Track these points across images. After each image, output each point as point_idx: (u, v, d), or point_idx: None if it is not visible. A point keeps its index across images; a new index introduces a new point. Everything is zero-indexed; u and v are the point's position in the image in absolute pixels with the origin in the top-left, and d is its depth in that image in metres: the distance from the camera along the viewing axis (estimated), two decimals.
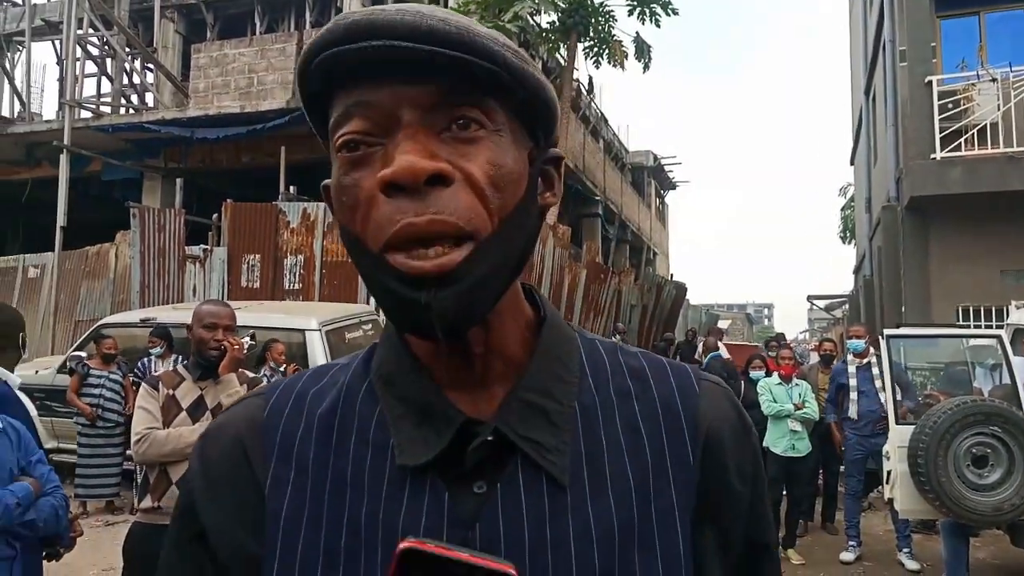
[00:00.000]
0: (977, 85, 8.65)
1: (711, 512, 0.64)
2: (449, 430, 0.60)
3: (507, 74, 0.58)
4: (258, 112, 13.00)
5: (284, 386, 0.69)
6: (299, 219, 10.75)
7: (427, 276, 0.54)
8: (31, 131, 15.40)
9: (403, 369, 0.64)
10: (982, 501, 4.49)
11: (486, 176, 0.57)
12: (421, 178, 0.54)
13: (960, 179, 8.48)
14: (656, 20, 10.82)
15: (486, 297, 0.58)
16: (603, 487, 0.61)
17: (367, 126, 0.57)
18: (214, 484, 0.64)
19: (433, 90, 0.56)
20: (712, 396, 0.68)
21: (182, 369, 3.05)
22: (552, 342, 0.66)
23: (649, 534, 0.61)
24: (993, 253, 8.78)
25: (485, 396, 0.63)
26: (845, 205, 30.76)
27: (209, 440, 0.67)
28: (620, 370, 0.68)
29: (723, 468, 0.65)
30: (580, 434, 0.63)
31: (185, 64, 15.77)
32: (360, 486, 0.61)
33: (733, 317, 52.27)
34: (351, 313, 8.04)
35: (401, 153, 0.55)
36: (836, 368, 6.53)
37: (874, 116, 12.87)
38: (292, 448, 0.64)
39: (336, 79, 0.58)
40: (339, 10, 15.33)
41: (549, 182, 0.66)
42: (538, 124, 0.64)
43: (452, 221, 0.55)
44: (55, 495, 2.35)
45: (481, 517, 0.59)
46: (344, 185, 0.59)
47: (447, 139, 0.57)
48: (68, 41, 14.65)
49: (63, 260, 13.10)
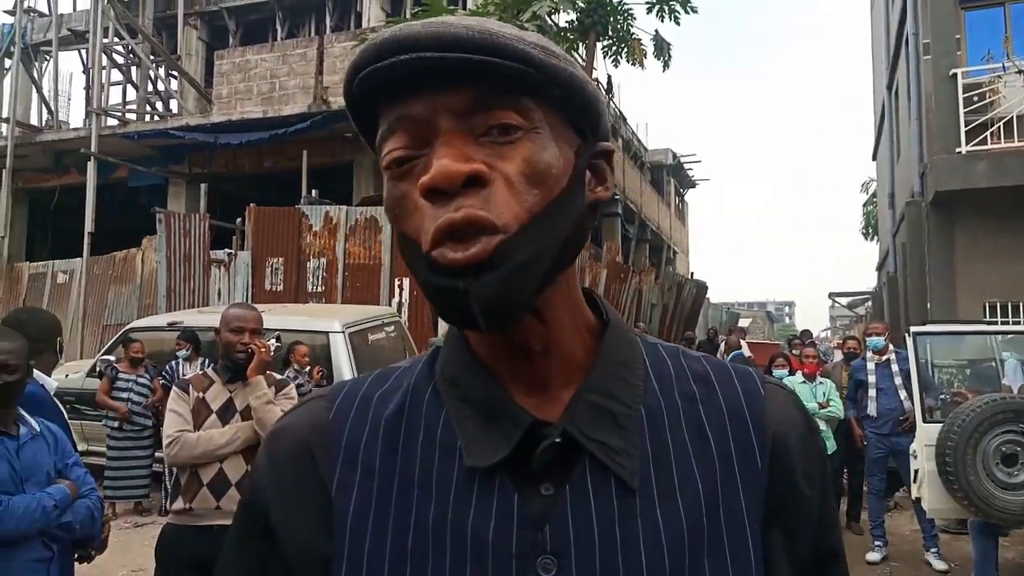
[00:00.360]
0: (1003, 77, 8.51)
1: (780, 518, 0.64)
2: (517, 432, 0.61)
3: (537, 72, 0.59)
4: (280, 117, 13.14)
5: (348, 389, 0.70)
6: (321, 222, 10.84)
7: (461, 265, 0.56)
8: (59, 139, 15.68)
9: (467, 370, 0.65)
10: (1012, 500, 4.42)
11: (521, 175, 0.58)
12: (457, 181, 0.56)
13: (986, 173, 8.35)
14: (675, 17, 10.77)
15: (524, 284, 0.58)
16: (671, 491, 0.62)
17: (409, 140, 0.60)
18: (282, 482, 0.65)
19: (466, 96, 0.58)
20: (778, 400, 0.68)
21: (212, 372, 3.09)
22: (615, 345, 0.67)
23: (719, 540, 0.61)
24: (1020, 248, 8.63)
25: (549, 398, 0.64)
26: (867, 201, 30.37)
27: (275, 439, 0.68)
28: (684, 374, 0.68)
29: (791, 473, 0.65)
30: (647, 437, 0.63)
31: (208, 70, 15.97)
32: (427, 488, 0.62)
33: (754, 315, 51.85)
34: (374, 315, 8.10)
35: (438, 159, 0.57)
36: (855, 364, 6.48)
37: (897, 110, 12.71)
38: (358, 450, 0.65)
39: (378, 97, 0.61)
40: (359, 15, 15.45)
41: (600, 176, 0.67)
42: (583, 119, 0.64)
43: (485, 215, 0.56)
44: (91, 497, 2.40)
45: (550, 519, 0.59)
46: (394, 198, 0.61)
47: (486, 143, 0.59)
48: (94, 50, 14.90)
49: (91, 265, 13.32)
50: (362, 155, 13.88)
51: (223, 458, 2.90)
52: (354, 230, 10.73)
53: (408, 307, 10.27)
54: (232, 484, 2.90)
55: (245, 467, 2.94)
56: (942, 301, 8.86)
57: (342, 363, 6.80)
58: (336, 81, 13.43)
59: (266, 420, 2.91)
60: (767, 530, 0.63)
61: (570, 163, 0.62)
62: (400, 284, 10.40)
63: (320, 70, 13.56)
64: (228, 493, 2.89)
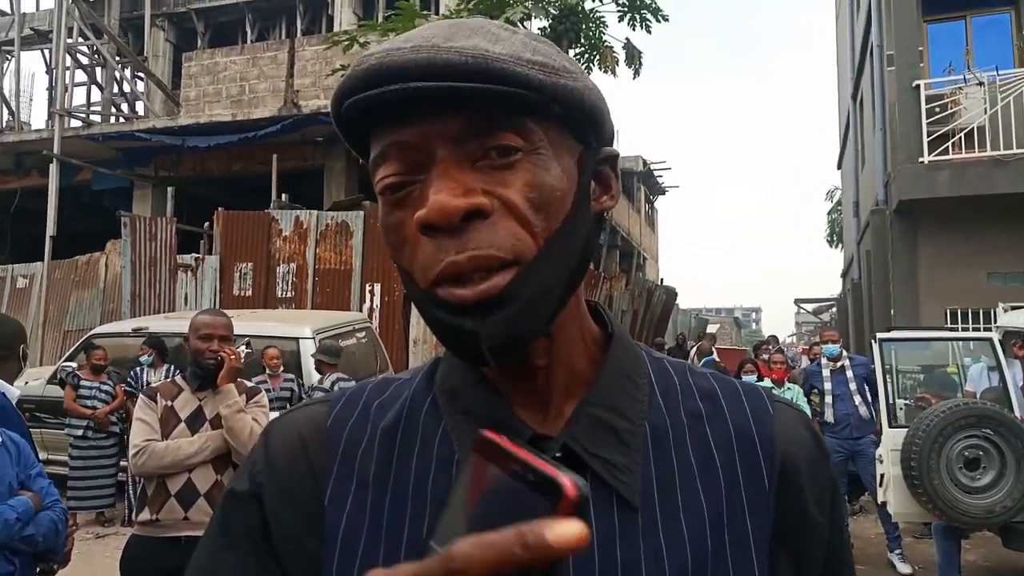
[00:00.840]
0: (964, 89, 8.73)
1: (788, 544, 0.62)
2: None
3: (536, 94, 0.55)
4: (250, 120, 12.98)
5: (349, 396, 0.68)
6: (292, 227, 10.74)
7: (470, 303, 0.54)
8: (20, 140, 15.32)
9: (467, 383, 0.63)
10: (974, 503, 4.52)
11: (525, 200, 0.55)
12: (455, 217, 0.53)
13: (948, 182, 8.55)
14: (647, 26, 10.87)
15: (536, 319, 0.56)
16: (675, 512, 0.59)
17: (402, 167, 0.57)
18: (279, 476, 0.63)
19: (461, 122, 0.55)
20: (786, 419, 0.66)
21: (180, 380, 3.04)
22: (620, 358, 0.65)
23: (724, 565, 0.59)
24: (981, 256, 8.86)
25: (551, 412, 0.62)
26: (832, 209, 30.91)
27: (273, 433, 0.66)
28: (690, 391, 0.66)
29: (800, 496, 0.63)
30: (651, 455, 0.61)
31: (176, 73, 15.75)
32: (422, 502, 0.60)
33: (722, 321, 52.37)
34: (344, 321, 8.03)
35: (434, 193, 0.54)
36: (809, 369, 6.64)
37: (862, 120, 12.97)
38: (354, 461, 0.63)
39: (368, 121, 0.59)
40: (330, 18, 15.36)
41: (605, 183, 0.64)
42: (586, 127, 0.61)
43: (492, 254, 0.54)
44: (54, 509, 2.34)
45: None
46: (389, 225, 0.59)
47: (483, 167, 0.56)
48: (58, 50, 14.61)
49: (52, 270, 13.03)
50: (333, 159, 13.77)
51: (192, 468, 2.85)
52: (324, 235, 10.64)
53: (379, 313, 10.20)
54: (201, 494, 2.85)
55: (215, 477, 2.89)
56: (905, 307, 9.04)
57: (312, 369, 6.73)
58: (307, 84, 13.33)
59: (236, 429, 2.87)
60: (774, 555, 0.61)
61: (574, 178, 0.59)
62: (371, 290, 10.33)
63: (291, 73, 13.44)
64: (197, 503, 2.83)
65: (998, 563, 5.64)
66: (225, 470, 2.92)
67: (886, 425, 5.09)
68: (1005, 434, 4.52)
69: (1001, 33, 9.51)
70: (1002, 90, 8.44)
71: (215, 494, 2.86)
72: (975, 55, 9.31)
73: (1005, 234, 8.74)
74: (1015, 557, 5.28)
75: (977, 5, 9.67)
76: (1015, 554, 5.12)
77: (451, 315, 0.55)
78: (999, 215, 8.62)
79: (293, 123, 12.60)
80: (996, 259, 8.87)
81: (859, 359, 6.46)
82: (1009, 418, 4.60)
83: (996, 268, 8.92)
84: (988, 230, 8.79)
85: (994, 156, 8.40)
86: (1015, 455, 4.49)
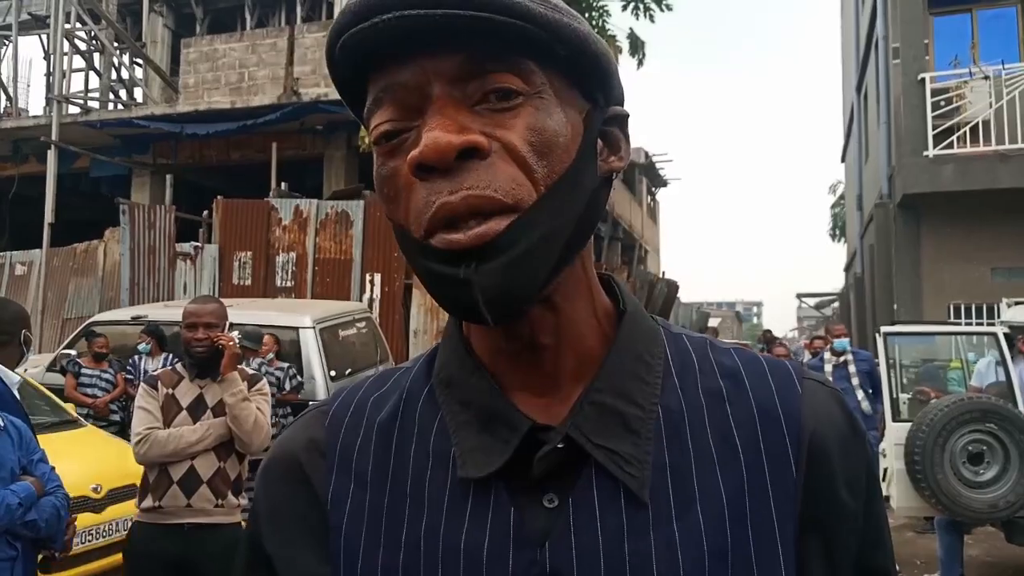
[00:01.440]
0: (970, 83, 8.69)
1: (818, 533, 0.57)
2: (514, 438, 0.55)
3: (538, 29, 0.52)
4: (249, 108, 12.90)
5: (346, 394, 0.65)
6: (291, 216, 10.69)
7: (465, 249, 0.50)
8: (18, 126, 15.24)
9: (464, 370, 0.59)
10: (978, 498, 4.51)
11: (526, 143, 0.52)
12: (450, 154, 0.50)
13: (952, 177, 8.53)
14: (650, 15, 10.83)
15: (534, 271, 0.52)
16: (691, 502, 0.55)
17: (398, 112, 0.54)
18: (277, 510, 0.62)
19: (460, 59, 0.52)
20: (817, 397, 0.60)
21: (181, 368, 3.01)
22: (632, 336, 0.60)
23: (745, 560, 0.54)
24: (984, 251, 8.84)
25: (557, 398, 0.57)
26: (835, 203, 30.89)
27: (270, 468, 0.64)
28: (710, 368, 0.61)
29: (831, 480, 0.58)
30: (664, 443, 0.56)
31: (174, 59, 15.65)
32: (420, 499, 0.57)
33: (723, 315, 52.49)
34: (345, 311, 8.00)
35: (428, 130, 0.51)
36: (812, 364, 6.63)
37: (866, 113, 12.93)
38: (351, 459, 0.61)
39: (363, 65, 0.55)
40: (330, 5, 15.25)
41: (613, 144, 0.60)
42: (591, 81, 0.57)
43: (490, 195, 0.50)
44: (57, 495, 2.32)
45: (551, 535, 0.53)
46: (383, 176, 0.55)
47: (483, 111, 0.52)
48: (55, 35, 14.49)
49: (51, 257, 12.98)
50: (333, 148, 13.71)
51: (194, 455, 2.83)
52: (324, 224, 10.60)
53: (379, 303, 10.17)
54: (203, 482, 2.83)
55: (217, 464, 2.87)
56: (908, 302, 9.03)
57: (312, 359, 6.71)
58: (307, 72, 13.25)
59: (241, 418, 2.85)
60: (803, 548, 0.56)
61: (579, 131, 0.55)
62: (371, 279, 10.29)
63: (291, 61, 13.36)
64: (199, 491, 2.82)
65: (1001, 558, 5.63)
66: (227, 457, 2.90)
67: (890, 419, 5.08)
68: (1009, 429, 4.51)
69: (1007, 27, 9.47)
70: (1008, 84, 8.41)
71: (217, 481, 2.85)
72: (981, 49, 9.27)
73: (1009, 229, 8.72)
74: (1018, 552, 5.28)
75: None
76: (1018, 549, 5.11)
77: (444, 263, 0.51)
78: (1003, 210, 8.60)
79: (293, 111, 12.53)
80: (1000, 254, 8.86)
81: (862, 354, 6.45)
82: (1014, 413, 4.58)
83: (1000, 263, 8.91)
84: (992, 225, 8.78)
85: (999, 151, 8.37)
86: (1019, 450, 4.48)
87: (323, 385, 6.62)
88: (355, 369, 7.28)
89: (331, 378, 6.72)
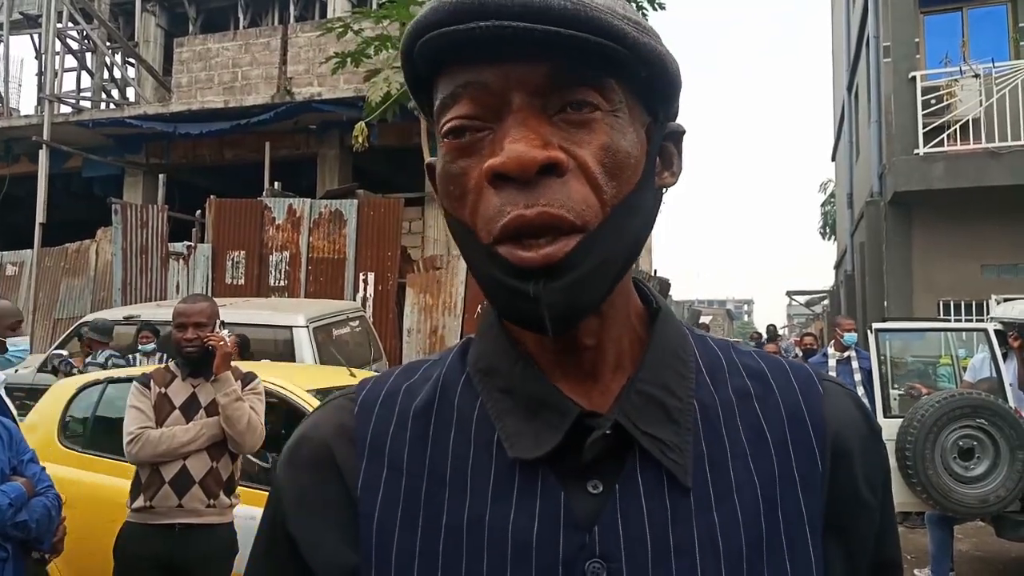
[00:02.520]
0: (960, 81, 8.73)
1: (840, 525, 0.60)
2: (564, 423, 0.56)
3: (626, 51, 0.53)
4: (242, 107, 12.86)
5: (374, 383, 0.66)
6: (285, 215, 10.68)
7: (535, 267, 0.52)
8: (9, 126, 15.15)
9: (507, 361, 0.60)
10: (968, 493, 4.54)
11: (599, 163, 0.53)
12: (532, 170, 0.51)
13: (943, 174, 8.56)
14: (643, 14, 10.85)
15: (597, 289, 0.54)
16: (728, 492, 0.57)
17: (475, 110, 0.54)
18: (303, 494, 0.62)
19: (546, 71, 0.53)
20: (837, 399, 0.64)
21: (173, 367, 3.01)
22: (667, 335, 0.62)
23: (778, 548, 0.57)
24: (974, 248, 8.88)
25: (597, 389, 0.59)
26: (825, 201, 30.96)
27: (297, 449, 0.64)
28: (737, 369, 0.64)
29: (852, 476, 0.61)
30: (701, 433, 0.59)
31: (167, 59, 15.59)
32: (461, 485, 0.57)
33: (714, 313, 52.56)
34: (338, 310, 8.00)
35: (511, 141, 0.52)
36: (814, 361, 6.61)
37: (857, 111, 12.96)
38: (384, 446, 0.61)
39: (442, 60, 0.55)
40: (323, 5, 15.23)
41: (668, 159, 0.62)
42: (658, 97, 0.59)
43: (563, 214, 0.52)
44: (47, 495, 2.31)
45: (599, 520, 0.55)
46: (451, 173, 0.56)
47: (559, 122, 0.54)
48: (47, 35, 14.43)
49: (42, 257, 12.93)
50: (326, 148, 13.68)
51: (186, 455, 2.82)
52: (318, 223, 10.58)
53: (373, 301, 10.16)
54: (195, 481, 2.83)
55: (210, 464, 2.86)
56: (899, 299, 9.06)
57: (306, 358, 6.70)
58: (300, 71, 13.23)
59: (234, 418, 2.84)
60: (827, 538, 0.59)
61: (644, 148, 0.57)
62: (365, 278, 10.28)
63: (284, 60, 13.33)
64: (191, 491, 2.81)
65: (990, 553, 5.67)
66: (220, 457, 2.89)
67: (881, 415, 5.10)
68: (1000, 424, 4.54)
69: (997, 25, 9.50)
70: (998, 82, 8.45)
71: (209, 481, 2.84)
72: (971, 47, 9.30)
73: (999, 226, 8.76)
74: (1007, 547, 5.32)
75: None
76: (1007, 543, 5.15)
77: (512, 277, 0.53)
78: (994, 207, 8.64)
79: (286, 110, 12.50)
80: (990, 251, 8.90)
81: (864, 351, 6.46)
82: (1004, 408, 4.61)
83: (990, 260, 8.96)
84: (982, 222, 8.82)
85: (989, 148, 8.41)
86: (1009, 445, 4.51)
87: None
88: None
89: None
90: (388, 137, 11.73)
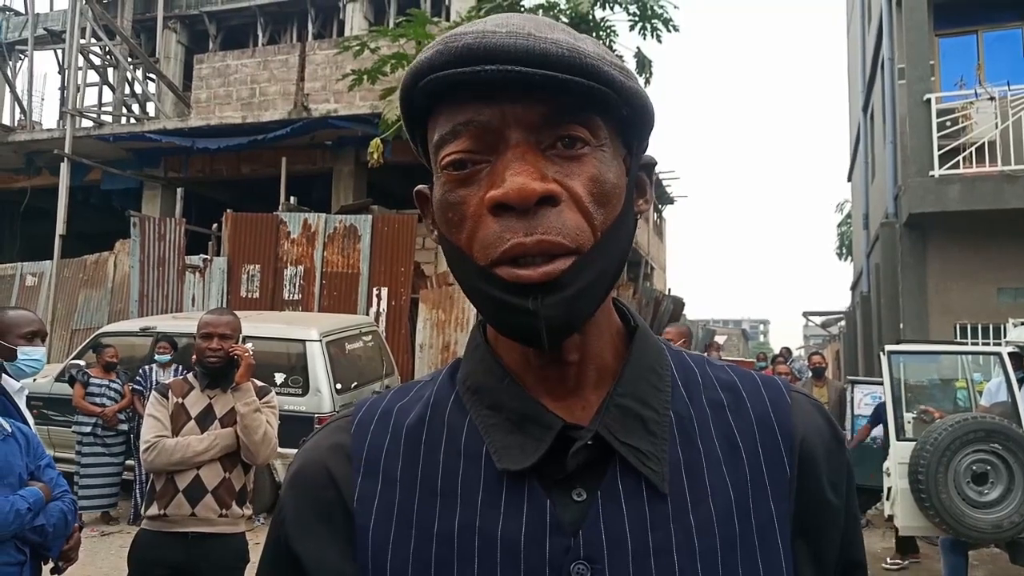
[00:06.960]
0: (975, 103, 8.71)
1: (808, 528, 0.64)
2: (549, 435, 0.60)
3: (615, 94, 0.59)
4: (259, 123, 13.03)
5: (370, 404, 0.70)
6: (300, 230, 10.77)
7: (534, 283, 0.56)
8: (32, 139, 15.41)
9: (494, 379, 0.64)
10: (982, 518, 4.49)
11: (589, 193, 0.58)
12: (532, 200, 0.56)
13: (958, 196, 8.53)
14: (657, 36, 10.88)
15: (588, 304, 0.59)
16: (703, 498, 0.61)
17: (474, 145, 0.59)
18: (304, 513, 0.65)
19: (542, 109, 0.57)
20: (804, 408, 0.68)
21: (191, 378, 3.05)
22: (644, 351, 0.67)
23: (751, 549, 0.61)
24: (990, 271, 8.82)
25: (579, 403, 0.63)
26: (842, 222, 30.85)
27: (298, 475, 0.67)
28: (711, 382, 0.68)
29: (819, 482, 0.65)
30: (677, 443, 0.63)
31: (187, 74, 15.82)
32: (452, 496, 0.61)
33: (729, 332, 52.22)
34: (351, 324, 8.04)
35: (512, 174, 0.56)
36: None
37: (872, 133, 12.95)
38: (379, 461, 0.64)
39: (441, 97, 0.60)
40: (341, 23, 15.42)
41: (642, 188, 0.67)
42: (634, 133, 0.64)
43: (559, 241, 0.56)
44: (64, 500, 2.35)
45: (583, 524, 0.59)
46: (450, 202, 0.60)
47: (552, 156, 0.58)
48: (71, 50, 14.70)
49: (61, 268, 13.09)
50: (341, 163, 13.81)
51: (200, 465, 2.86)
52: (332, 238, 10.66)
53: (386, 316, 10.21)
54: (208, 491, 2.86)
55: (223, 474, 2.89)
56: (914, 321, 9.00)
57: (319, 372, 6.74)
58: (317, 88, 13.38)
59: (252, 428, 2.89)
60: (796, 540, 0.64)
61: (624, 178, 0.62)
62: (378, 293, 10.34)
63: (301, 77, 13.49)
64: (204, 500, 2.85)
65: None
66: (233, 468, 2.93)
67: (894, 438, 5.07)
68: (1014, 449, 4.50)
69: (1013, 48, 9.49)
70: (1013, 105, 8.42)
71: (222, 491, 2.88)
72: (986, 70, 9.29)
73: (1015, 249, 8.70)
74: (1022, 573, 5.24)
75: (989, 20, 9.65)
76: (1022, 570, 5.07)
77: (511, 294, 0.57)
78: (1009, 230, 8.58)
79: (303, 126, 12.65)
80: (1006, 274, 8.83)
81: None
82: (1018, 433, 4.57)
83: (1006, 283, 8.88)
84: (998, 245, 8.76)
85: (1004, 171, 8.37)
86: (1023, 470, 4.46)
87: (329, 398, 6.64)
88: (361, 382, 7.31)
89: (337, 391, 6.75)
90: (402, 154, 11.82)
